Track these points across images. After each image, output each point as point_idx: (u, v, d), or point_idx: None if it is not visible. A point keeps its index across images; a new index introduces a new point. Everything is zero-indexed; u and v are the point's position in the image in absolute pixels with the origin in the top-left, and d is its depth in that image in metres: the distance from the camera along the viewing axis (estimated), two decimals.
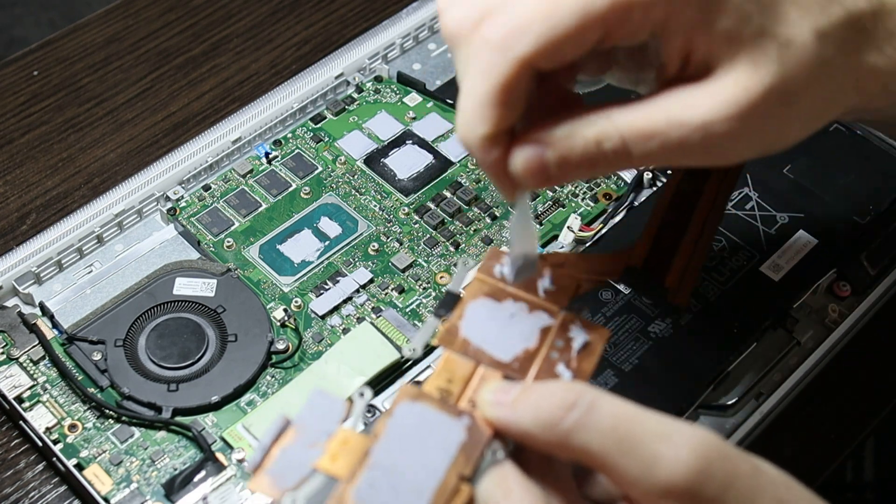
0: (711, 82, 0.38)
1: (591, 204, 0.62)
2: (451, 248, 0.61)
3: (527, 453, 0.38)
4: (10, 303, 0.58)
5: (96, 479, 0.51)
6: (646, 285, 0.43)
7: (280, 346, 0.56)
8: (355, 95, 0.68)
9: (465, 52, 0.38)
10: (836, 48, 0.39)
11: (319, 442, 0.38)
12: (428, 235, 0.61)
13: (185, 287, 0.58)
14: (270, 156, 0.64)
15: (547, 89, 0.40)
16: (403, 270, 0.60)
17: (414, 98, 0.68)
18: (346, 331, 0.57)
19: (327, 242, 0.61)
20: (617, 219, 0.61)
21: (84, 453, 0.53)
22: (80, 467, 0.52)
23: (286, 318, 0.57)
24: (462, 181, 0.63)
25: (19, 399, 0.54)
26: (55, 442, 0.53)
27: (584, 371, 0.40)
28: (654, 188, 0.62)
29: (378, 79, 0.69)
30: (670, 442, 0.34)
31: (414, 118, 0.67)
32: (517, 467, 0.37)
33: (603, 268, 0.44)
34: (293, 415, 0.39)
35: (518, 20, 0.37)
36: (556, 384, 0.37)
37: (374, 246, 0.60)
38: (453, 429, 0.37)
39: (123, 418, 0.53)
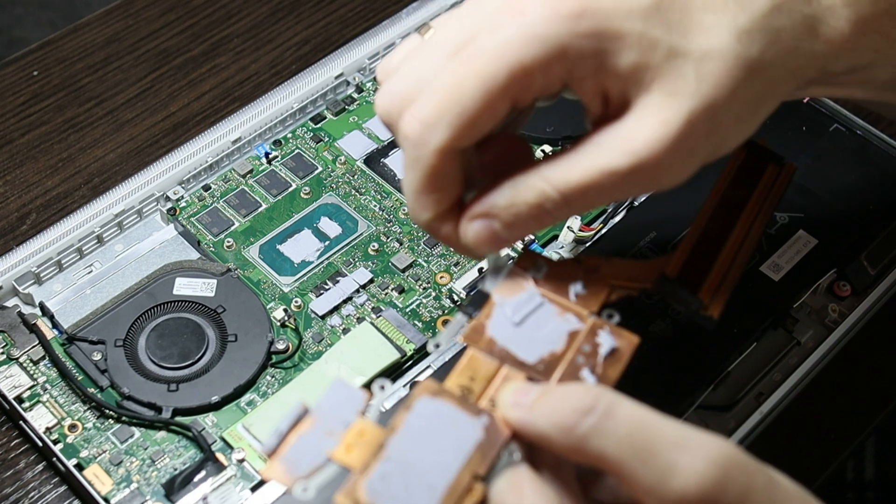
0: (631, 120, 0.38)
1: None
2: (451, 248, 0.60)
3: (540, 453, 0.37)
4: (10, 303, 0.58)
5: (96, 479, 0.51)
6: (679, 295, 0.43)
7: (280, 346, 0.56)
8: (355, 95, 0.68)
9: (398, 139, 0.41)
10: (762, 43, 0.39)
11: (336, 431, 0.38)
12: (428, 235, 0.61)
13: (185, 287, 0.58)
14: (270, 156, 0.64)
15: (490, 148, 0.41)
16: (403, 270, 0.60)
17: None
18: (346, 331, 0.57)
19: (327, 242, 0.61)
20: (617, 219, 0.61)
21: (84, 453, 0.53)
22: (80, 467, 0.52)
23: (286, 318, 0.57)
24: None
25: (19, 399, 0.54)
26: (55, 442, 0.53)
27: (609, 377, 0.39)
28: None
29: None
30: (687, 451, 0.33)
31: None
32: (532, 470, 0.37)
33: (637, 275, 0.43)
34: (312, 403, 0.39)
35: (429, 112, 0.39)
36: (575, 387, 0.37)
37: (374, 246, 0.60)
38: (471, 427, 0.37)
39: (123, 418, 0.53)
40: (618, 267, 0.43)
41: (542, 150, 0.64)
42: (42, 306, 0.57)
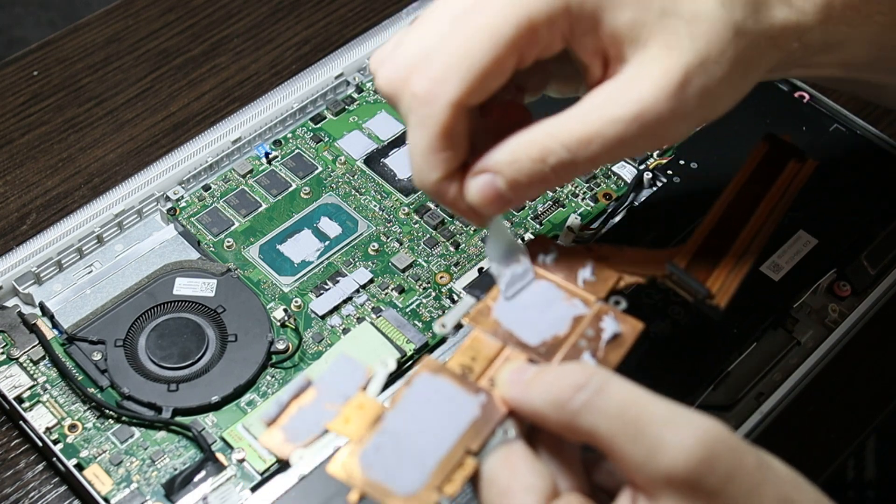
0: (633, 74, 0.40)
1: (592, 204, 0.62)
2: (451, 248, 0.60)
3: (539, 434, 0.38)
4: (10, 303, 0.58)
5: (96, 479, 0.51)
6: (687, 284, 0.44)
7: (280, 346, 0.56)
8: (355, 95, 0.68)
9: (402, 107, 0.41)
10: (742, 10, 0.41)
11: (336, 404, 0.39)
12: (428, 235, 0.61)
13: (185, 287, 0.58)
14: (270, 156, 0.64)
15: (493, 112, 0.42)
16: (403, 270, 0.60)
17: None
18: (346, 331, 0.57)
19: (327, 242, 0.61)
20: (617, 219, 0.61)
21: (84, 453, 0.53)
22: (80, 467, 0.52)
23: (286, 318, 0.57)
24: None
25: (19, 399, 0.54)
26: (55, 442, 0.53)
27: (610, 362, 0.40)
28: (654, 188, 0.62)
29: None
30: (676, 429, 0.34)
31: None
32: (528, 447, 0.37)
33: (647, 263, 0.44)
34: (315, 376, 0.39)
35: (438, 69, 0.39)
36: (571, 365, 0.38)
37: (374, 246, 0.60)
38: (468, 404, 0.38)
39: (123, 418, 0.53)
40: (628, 255, 0.44)
41: None
42: (42, 306, 0.57)
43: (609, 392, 0.35)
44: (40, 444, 0.53)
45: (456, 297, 0.59)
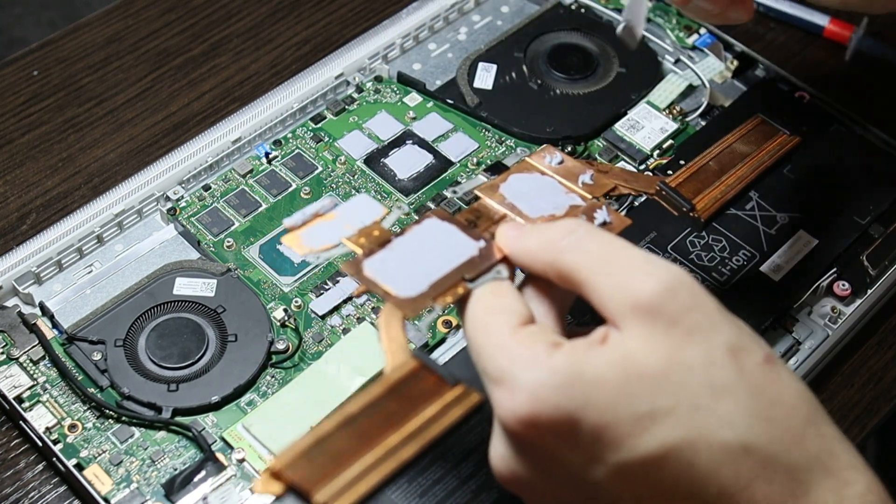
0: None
1: None
2: None
3: (530, 282, 0.42)
4: (10, 303, 0.58)
5: (96, 479, 0.51)
6: (674, 198, 0.51)
7: (280, 346, 0.56)
8: (355, 95, 0.68)
9: None
10: None
11: (353, 227, 0.43)
12: None
13: (185, 287, 0.58)
14: (270, 156, 0.64)
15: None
16: None
17: (414, 98, 0.68)
18: (346, 331, 0.57)
19: None
20: None
21: (84, 453, 0.53)
22: (80, 467, 0.52)
23: (286, 318, 0.57)
24: (462, 181, 0.63)
25: (19, 399, 0.54)
26: (55, 442, 0.53)
27: None
28: None
29: (378, 79, 0.69)
30: (646, 266, 0.38)
31: (414, 118, 0.67)
32: (514, 287, 0.41)
33: (640, 181, 0.50)
34: (339, 206, 0.44)
35: None
36: (564, 219, 0.42)
37: None
38: (468, 245, 0.42)
39: (123, 418, 0.53)
40: (625, 173, 0.50)
41: None
42: (42, 306, 0.57)
43: (593, 235, 0.39)
44: (40, 444, 0.53)
45: None
